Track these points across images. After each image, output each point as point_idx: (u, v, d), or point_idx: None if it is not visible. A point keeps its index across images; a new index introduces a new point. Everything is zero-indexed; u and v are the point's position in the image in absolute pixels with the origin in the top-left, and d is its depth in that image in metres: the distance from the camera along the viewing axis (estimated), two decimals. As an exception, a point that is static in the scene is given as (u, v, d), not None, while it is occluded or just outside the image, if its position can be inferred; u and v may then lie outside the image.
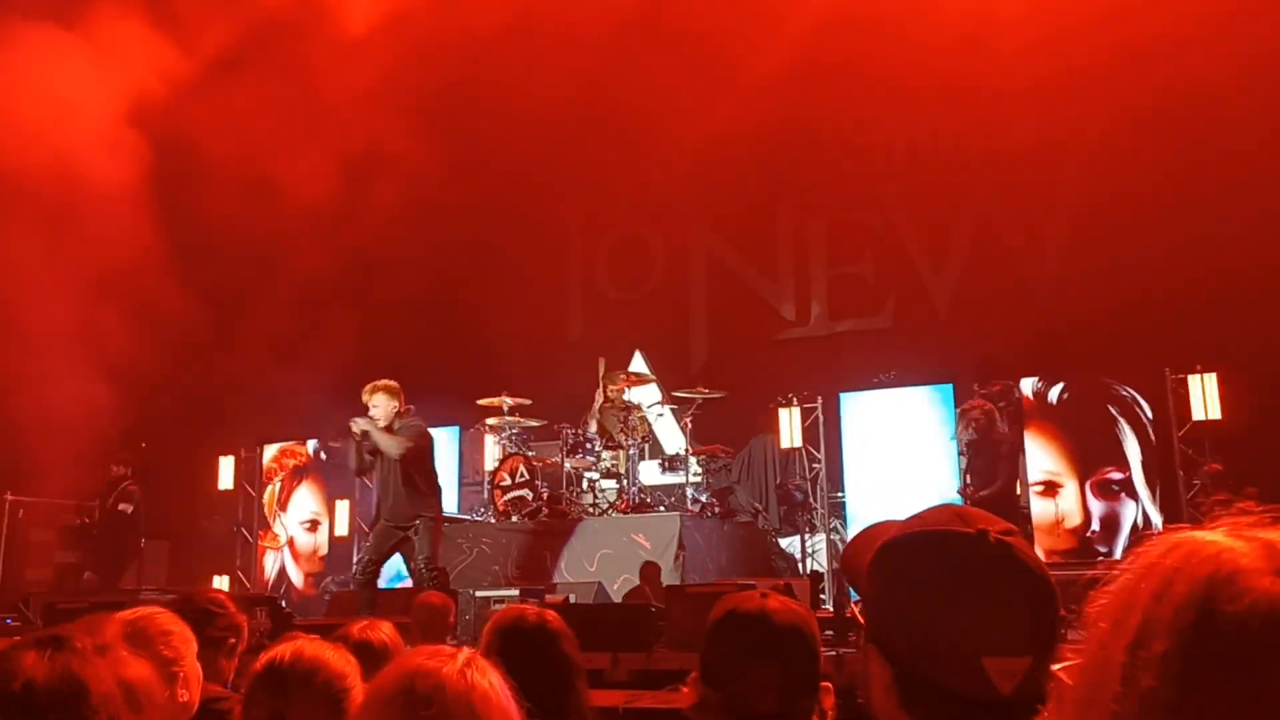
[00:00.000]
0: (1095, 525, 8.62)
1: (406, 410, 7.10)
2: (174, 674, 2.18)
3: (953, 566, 1.06)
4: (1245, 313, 8.97)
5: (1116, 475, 8.60)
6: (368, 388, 6.94)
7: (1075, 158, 10.95)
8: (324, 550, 11.49)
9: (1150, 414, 8.55)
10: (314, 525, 11.58)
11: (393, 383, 6.99)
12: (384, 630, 2.84)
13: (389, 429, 6.92)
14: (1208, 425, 8.42)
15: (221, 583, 10.84)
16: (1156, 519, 8.38)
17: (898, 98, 12.01)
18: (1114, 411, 8.66)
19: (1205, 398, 8.36)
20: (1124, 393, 8.66)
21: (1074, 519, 8.69)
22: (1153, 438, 8.53)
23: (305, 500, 11.71)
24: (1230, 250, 9.29)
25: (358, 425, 6.93)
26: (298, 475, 11.81)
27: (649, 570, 8.00)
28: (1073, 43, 10.30)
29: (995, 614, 1.03)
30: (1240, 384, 8.28)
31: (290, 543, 11.67)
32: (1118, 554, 8.32)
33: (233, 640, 3.01)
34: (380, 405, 6.84)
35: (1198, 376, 8.42)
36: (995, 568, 1.05)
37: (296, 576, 11.52)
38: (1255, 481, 7.89)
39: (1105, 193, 10.42)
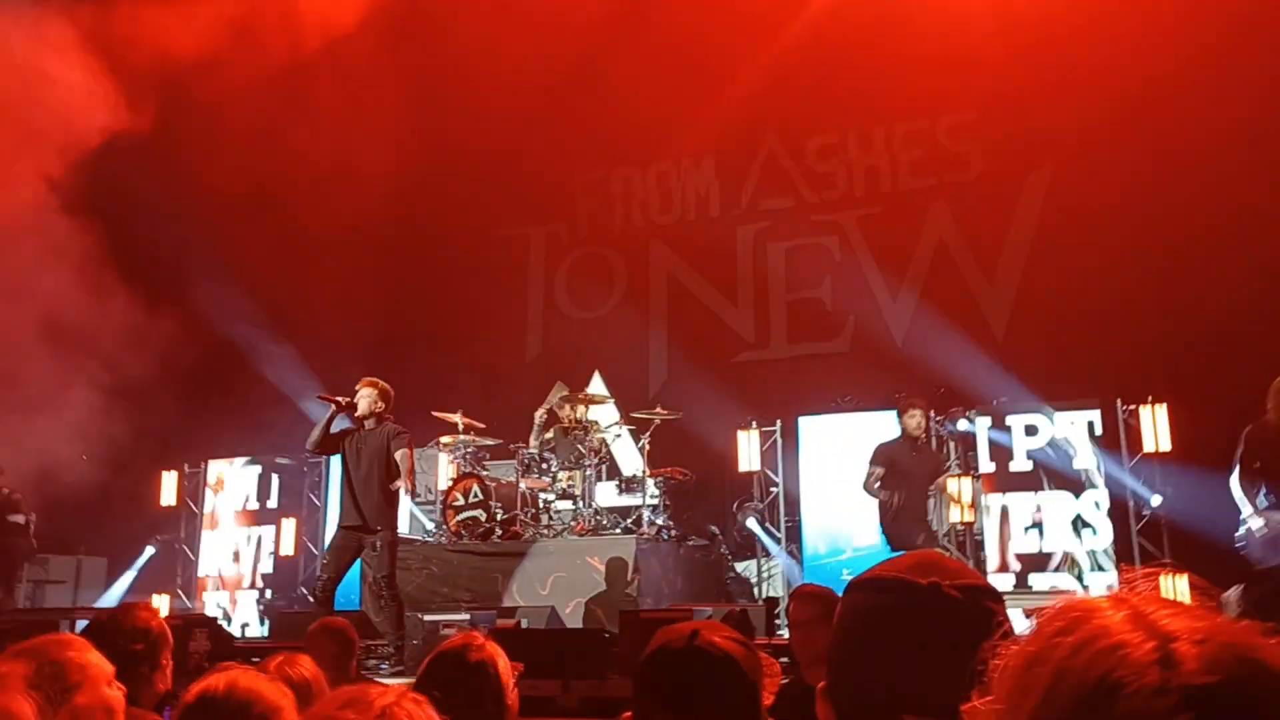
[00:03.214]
0: (1012, 558, 8.57)
1: (387, 418, 7.20)
2: (76, 706, 2.02)
3: (889, 615, 0.99)
4: (1198, 345, 9.10)
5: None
6: (365, 379, 7.24)
7: (1030, 187, 11.12)
8: (248, 580, 11.14)
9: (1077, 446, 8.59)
10: (235, 556, 11.24)
11: (388, 387, 7.24)
12: (304, 665, 2.73)
13: (367, 420, 7.13)
14: (1158, 456, 8.49)
15: (161, 602, 10.48)
16: (1083, 557, 8.39)
17: (857, 126, 12.15)
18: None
19: (1156, 429, 8.43)
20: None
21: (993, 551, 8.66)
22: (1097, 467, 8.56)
23: (228, 529, 11.37)
24: (1185, 282, 9.45)
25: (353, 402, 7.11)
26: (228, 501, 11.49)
27: (603, 595, 7.88)
28: (1029, 70, 10.47)
29: (921, 669, 0.94)
30: (1193, 416, 8.36)
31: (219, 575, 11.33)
32: (1031, 583, 8.36)
33: (164, 659, 2.92)
34: (366, 398, 7.10)
35: (1149, 407, 8.49)
36: (935, 621, 0.97)
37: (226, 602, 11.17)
38: (1201, 514, 7.96)
39: (1061, 223, 10.58)
